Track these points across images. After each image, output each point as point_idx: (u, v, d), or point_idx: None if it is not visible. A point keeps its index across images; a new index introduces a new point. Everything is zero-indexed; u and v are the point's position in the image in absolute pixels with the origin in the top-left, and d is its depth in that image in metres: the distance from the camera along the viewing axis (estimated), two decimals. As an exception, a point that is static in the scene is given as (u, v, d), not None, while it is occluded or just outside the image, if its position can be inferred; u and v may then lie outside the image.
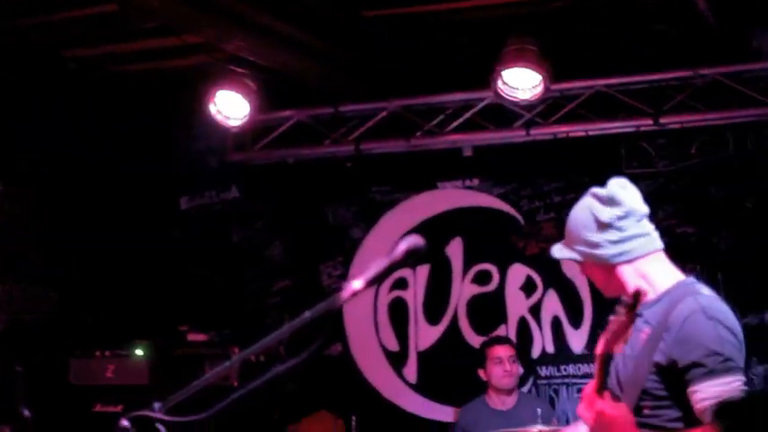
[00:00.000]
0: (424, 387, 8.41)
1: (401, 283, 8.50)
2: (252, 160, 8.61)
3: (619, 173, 8.00)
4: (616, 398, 3.36)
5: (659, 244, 3.61)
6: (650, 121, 7.55)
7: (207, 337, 8.11)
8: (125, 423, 2.70)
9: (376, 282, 2.82)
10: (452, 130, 8.03)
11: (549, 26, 7.22)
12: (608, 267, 3.57)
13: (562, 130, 7.83)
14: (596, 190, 3.65)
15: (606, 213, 3.56)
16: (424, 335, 8.47)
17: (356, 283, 2.77)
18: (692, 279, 3.56)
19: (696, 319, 3.33)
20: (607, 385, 3.32)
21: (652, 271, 3.56)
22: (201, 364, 7.76)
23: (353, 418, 6.44)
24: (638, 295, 3.18)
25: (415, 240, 2.89)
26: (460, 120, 7.98)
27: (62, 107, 8.10)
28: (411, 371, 8.45)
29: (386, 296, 8.54)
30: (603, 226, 3.56)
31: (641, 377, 3.38)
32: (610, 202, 3.58)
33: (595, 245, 3.58)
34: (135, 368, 7.56)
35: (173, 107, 8.29)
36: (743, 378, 3.33)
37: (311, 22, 7.01)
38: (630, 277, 3.54)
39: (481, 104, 7.88)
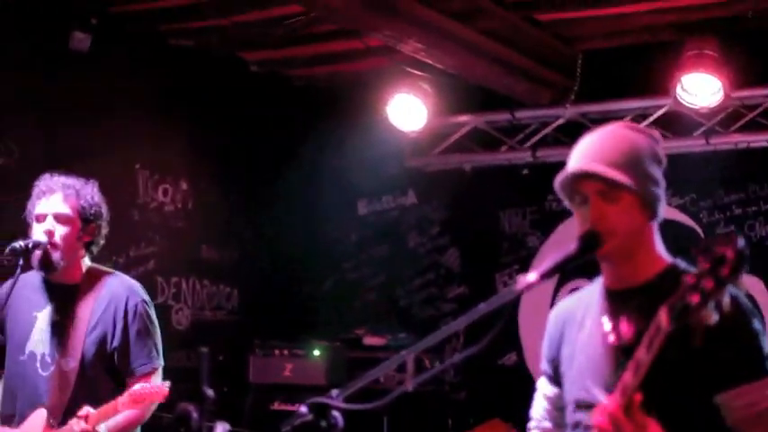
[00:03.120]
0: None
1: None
2: (429, 166, 8.64)
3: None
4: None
5: None
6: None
7: (383, 341, 8.17)
8: (303, 409, 2.77)
9: (550, 275, 2.81)
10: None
11: (729, 31, 7.05)
12: (647, 217, 2.86)
13: (743, 139, 7.60)
14: (643, 127, 2.94)
15: (662, 153, 2.85)
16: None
17: (530, 276, 2.77)
18: (683, 263, 2.86)
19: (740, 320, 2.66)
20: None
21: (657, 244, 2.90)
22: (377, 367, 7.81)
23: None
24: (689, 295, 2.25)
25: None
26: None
27: (243, 109, 8.34)
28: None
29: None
30: (660, 165, 2.84)
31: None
32: (659, 145, 2.88)
33: (656, 182, 2.82)
34: (312, 368, 7.67)
35: (351, 111, 8.41)
36: None
37: (489, 25, 6.99)
38: (657, 244, 2.89)
39: (659, 112, 7.70)
